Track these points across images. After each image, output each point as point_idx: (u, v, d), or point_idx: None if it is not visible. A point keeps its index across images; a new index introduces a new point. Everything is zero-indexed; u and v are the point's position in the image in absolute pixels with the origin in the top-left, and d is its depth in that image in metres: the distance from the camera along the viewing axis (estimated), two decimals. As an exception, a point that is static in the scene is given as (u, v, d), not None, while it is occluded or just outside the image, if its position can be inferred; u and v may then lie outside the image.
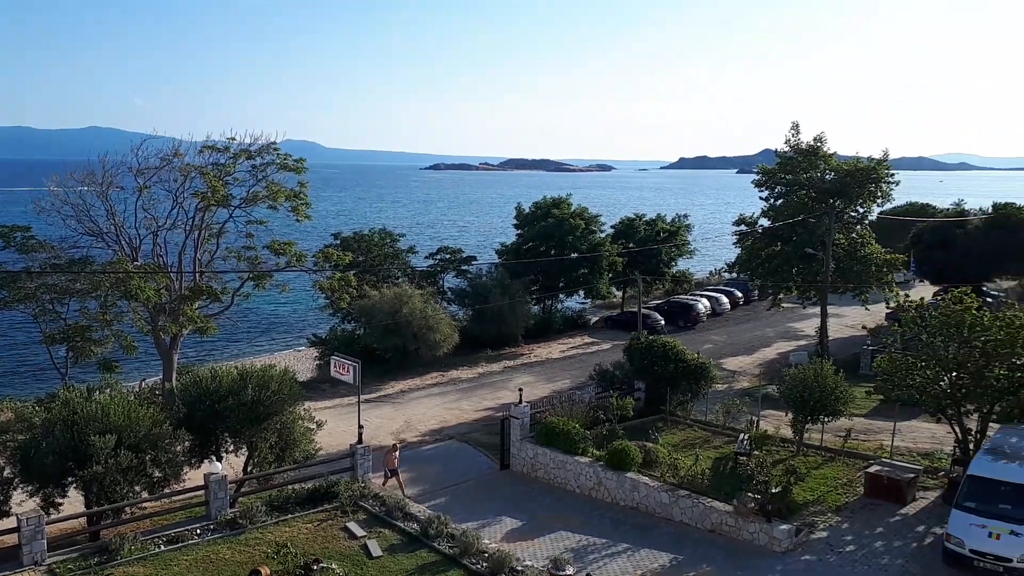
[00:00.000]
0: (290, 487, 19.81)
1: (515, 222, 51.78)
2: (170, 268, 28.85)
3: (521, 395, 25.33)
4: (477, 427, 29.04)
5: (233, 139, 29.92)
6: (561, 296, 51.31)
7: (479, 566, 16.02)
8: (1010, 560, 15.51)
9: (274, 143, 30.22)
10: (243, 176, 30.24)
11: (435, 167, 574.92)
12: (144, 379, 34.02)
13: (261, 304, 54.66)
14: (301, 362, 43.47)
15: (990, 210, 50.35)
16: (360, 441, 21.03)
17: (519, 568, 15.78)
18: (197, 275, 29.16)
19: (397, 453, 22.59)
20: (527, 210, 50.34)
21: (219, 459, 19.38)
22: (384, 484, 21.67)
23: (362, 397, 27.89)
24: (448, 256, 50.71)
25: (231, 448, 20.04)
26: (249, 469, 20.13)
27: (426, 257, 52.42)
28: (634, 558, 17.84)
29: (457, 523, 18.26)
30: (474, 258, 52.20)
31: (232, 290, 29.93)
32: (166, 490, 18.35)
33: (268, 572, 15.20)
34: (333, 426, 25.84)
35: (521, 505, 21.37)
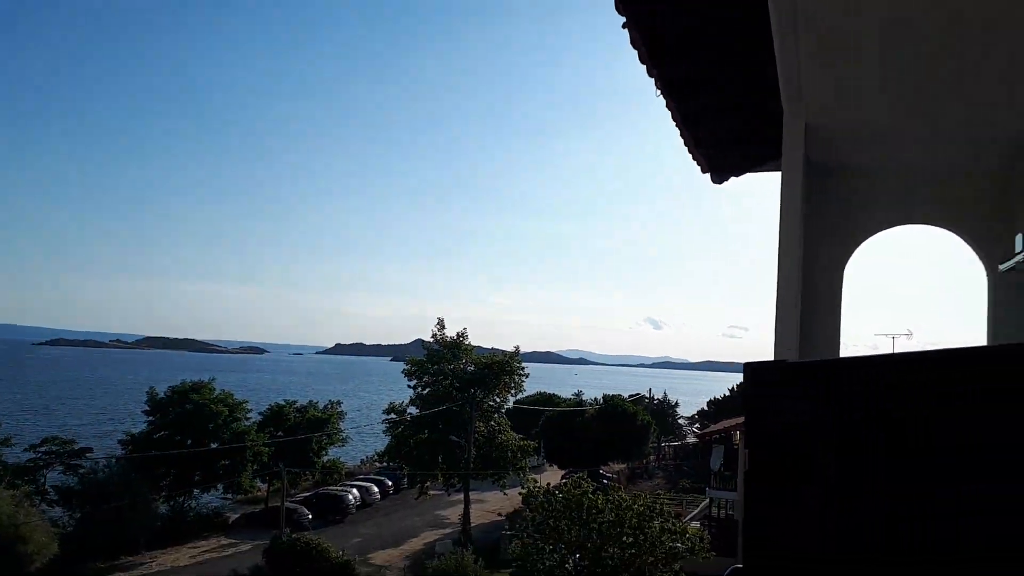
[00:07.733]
0: None
1: (146, 407, 46.39)
2: None
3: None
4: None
5: None
6: (196, 491, 46.07)
7: None
8: None
9: None
10: None
11: (54, 342, 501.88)
12: None
13: None
14: None
15: (601, 400, 58.07)
16: None
17: None
18: None
19: None
20: (162, 395, 45.63)
21: None
22: None
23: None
24: (56, 448, 43.18)
25: None
26: None
27: (26, 449, 43.99)
28: None
29: None
30: (89, 449, 45.13)
31: None
32: None
33: None
34: None
35: None
